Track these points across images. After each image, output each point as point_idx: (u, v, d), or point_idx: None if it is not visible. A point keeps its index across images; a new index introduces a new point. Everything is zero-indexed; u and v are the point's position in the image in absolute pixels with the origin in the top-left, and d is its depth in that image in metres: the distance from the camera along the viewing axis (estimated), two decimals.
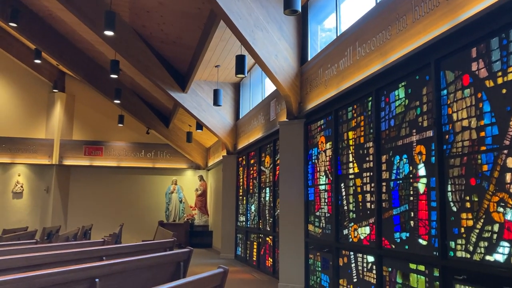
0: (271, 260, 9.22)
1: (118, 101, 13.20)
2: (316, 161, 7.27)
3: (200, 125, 13.18)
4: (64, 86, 16.45)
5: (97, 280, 2.92)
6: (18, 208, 16.01)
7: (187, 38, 9.62)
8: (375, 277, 5.22)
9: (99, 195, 16.57)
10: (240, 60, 8.10)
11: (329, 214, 6.63)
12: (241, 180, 12.28)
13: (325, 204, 6.78)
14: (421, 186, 4.51)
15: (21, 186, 16.03)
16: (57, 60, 13.74)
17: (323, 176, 6.93)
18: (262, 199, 10.19)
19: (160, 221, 15.90)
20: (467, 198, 3.86)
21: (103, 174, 16.69)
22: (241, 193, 12.17)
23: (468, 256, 3.80)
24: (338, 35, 6.63)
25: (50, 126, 16.18)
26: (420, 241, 4.46)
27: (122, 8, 9.27)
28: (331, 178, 6.56)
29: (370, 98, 5.61)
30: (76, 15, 9.34)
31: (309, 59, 7.60)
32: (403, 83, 4.96)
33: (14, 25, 10.90)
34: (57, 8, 10.94)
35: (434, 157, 4.31)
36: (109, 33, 7.84)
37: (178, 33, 9.63)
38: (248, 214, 11.31)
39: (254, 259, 10.46)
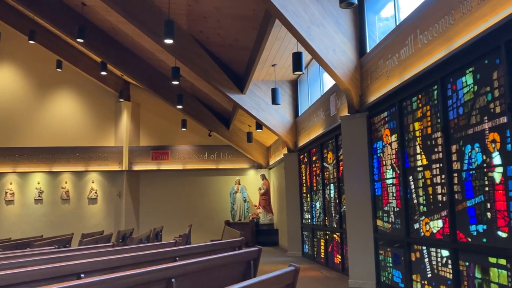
0: (340, 257, 9.12)
1: (181, 106, 13.60)
2: (381, 154, 7.09)
3: (259, 125, 13.28)
4: (129, 95, 17.21)
5: (173, 280, 3.04)
6: (93, 213, 16.95)
7: (243, 40, 9.73)
8: (451, 272, 5.01)
9: (167, 197, 17.17)
10: (297, 57, 8.08)
11: (398, 209, 6.45)
12: (303, 177, 12.23)
13: (393, 198, 6.60)
14: (497, 176, 4.27)
15: (96, 192, 16.96)
16: (122, 71, 14.42)
17: (389, 169, 6.76)
18: (326, 195, 10.10)
19: (227, 221, 16.21)
20: None
21: (170, 177, 17.28)
22: (304, 191, 12.13)
23: None
24: (397, 24, 6.43)
25: (118, 134, 17.00)
26: (500, 233, 4.23)
27: (180, 16, 9.54)
28: (398, 172, 6.37)
29: (436, 87, 5.39)
30: (137, 26, 9.74)
31: (368, 51, 7.43)
32: (470, 69, 4.72)
33: (81, 40, 11.53)
34: (119, 21, 11.48)
35: (510, 145, 4.07)
36: (168, 41, 8.10)
37: (234, 36, 9.77)
38: (313, 211, 11.24)
39: (322, 256, 10.39)
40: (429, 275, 5.54)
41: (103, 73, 13.92)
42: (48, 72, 16.83)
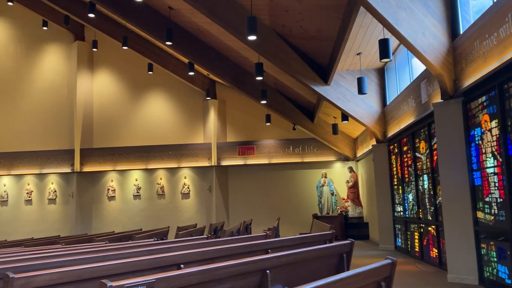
0: (436, 251, 8.68)
1: (265, 102, 13.76)
2: (480, 142, 6.62)
3: (345, 116, 13.01)
4: (215, 93, 17.77)
5: (268, 271, 3.09)
6: (186, 207, 17.78)
7: (327, 31, 9.59)
8: None
9: (254, 191, 17.50)
10: (383, 44, 7.78)
11: (501, 199, 5.98)
12: (394, 168, 11.80)
13: (496, 188, 6.13)
14: None
15: (188, 187, 17.76)
16: (208, 70, 14.91)
17: (490, 158, 6.28)
18: (420, 187, 9.65)
19: (314, 214, 16.14)
20: None
21: (256, 171, 17.59)
22: (395, 182, 11.70)
23: None
24: (495, 0, 5.94)
25: (207, 131, 17.64)
26: None
27: (262, 12, 9.63)
28: (501, 160, 5.91)
29: None
30: (221, 25, 10.00)
31: (461, 32, 6.96)
32: None
33: (170, 43, 12.10)
34: (204, 22, 11.87)
35: None
36: (252, 37, 8.21)
37: (317, 27, 9.66)
38: (406, 204, 10.81)
39: (417, 250, 9.96)
40: None
41: (191, 73, 14.48)
42: (140, 75, 17.92)
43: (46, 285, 2.66)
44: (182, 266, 3.59)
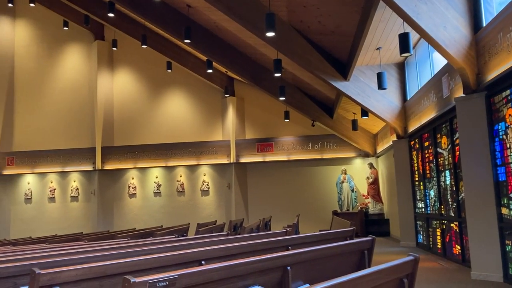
0: (459, 248, 8.54)
1: (283, 98, 13.72)
2: (504, 137, 6.48)
3: (365, 112, 12.88)
4: (233, 90, 17.80)
5: (288, 268, 3.08)
6: (206, 204, 17.88)
7: (345, 26, 9.50)
8: None
9: (273, 188, 17.48)
10: (403, 38, 7.66)
11: None
12: (415, 164, 11.64)
13: None
14: None
15: (207, 185, 17.86)
16: (226, 67, 14.95)
17: None
18: (441, 183, 9.51)
19: (334, 211, 16.06)
20: None
21: (275, 168, 17.57)
22: (416, 178, 11.55)
23: None
24: None
25: (225, 128, 17.69)
26: None
27: (280, 8, 9.60)
28: None
29: None
30: (239, 22, 10.00)
31: (484, 25, 6.81)
32: None
33: (188, 41, 12.16)
34: (222, 19, 11.88)
35: None
36: (270, 34, 8.19)
37: (336, 22, 9.58)
38: (427, 200, 10.67)
39: (439, 246, 9.82)
40: None
41: (209, 70, 14.53)
42: (159, 73, 18.08)
43: (71, 280, 2.70)
44: (203, 262, 3.61)
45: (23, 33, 19.45)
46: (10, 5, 18.29)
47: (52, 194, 18.64)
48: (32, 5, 17.39)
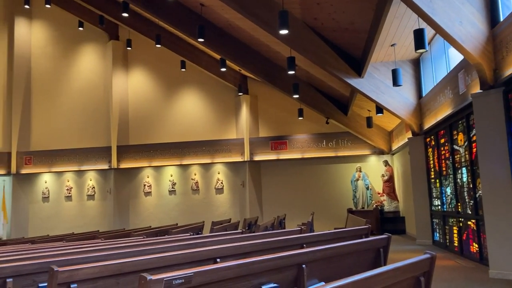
0: (477, 246, 8.43)
1: (297, 96, 13.67)
2: None
3: (380, 109, 12.78)
4: (247, 88, 17.81)
5: (303, 266, 3.08)
6: (220, 202, 17.94)
7: (359, 22, 9.43)
8: None
9: (288, 186, 17.46)
10: (418, 34, 7.58)
11: None
12: (431, 161, 11.52)
13: None
14: None
15: (222, 183, 17.92)
16: (239, 66, 14.96)
17: None
18: (458, 180, 9.39)
19: (349, 209, 15.98)
20: None
21: (289, 166, 17.54)
22: (432, 176, 11.42)
23: None
24: None
25: (239, 126, 17.72)
26: None
27: (293, 5, 9.56)
28: None
29: None
30: (252, 20, 9.99)
31: (501, 20, 6.70)
32: None
33: (202, 40, 12.19)
34: (235, 18, 11.89)
35: None
36: (283, 31, 8.16)
37: (349, 19, 9.51)
38: (444, 198, 10.54)
39: (456, 244, 9.71)
40: None
41: (223, 69, 14.55)
42: (174, 72, 18.17)
43: (88, 278, 2.74)
44: (218, 260, 3.63)
45: (39, 34, 19.72)
46: (26, 6, 18.54)
47: (69, 193, 18.89)
48: (48, 6, 17.61)
